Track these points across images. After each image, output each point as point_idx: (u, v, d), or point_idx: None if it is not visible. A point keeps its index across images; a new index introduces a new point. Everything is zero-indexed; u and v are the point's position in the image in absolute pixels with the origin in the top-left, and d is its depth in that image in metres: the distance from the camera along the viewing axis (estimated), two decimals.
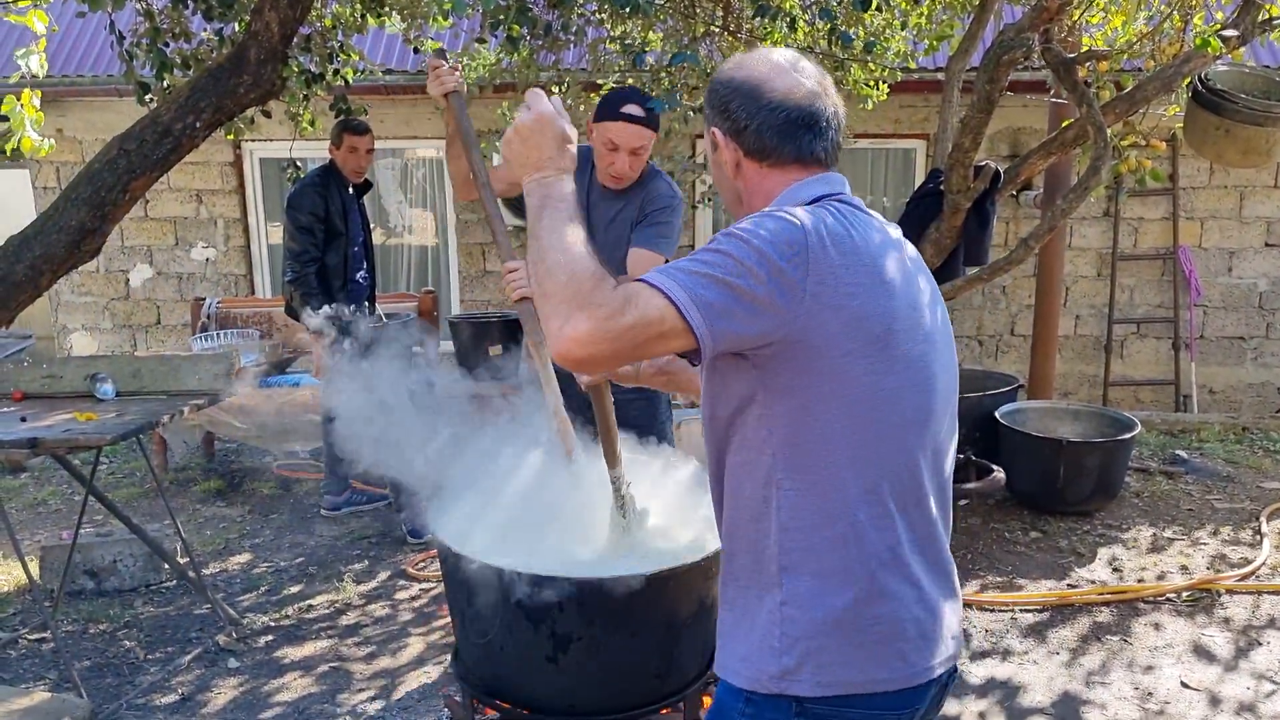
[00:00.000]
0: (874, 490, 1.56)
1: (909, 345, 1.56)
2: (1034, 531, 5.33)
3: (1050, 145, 4.56)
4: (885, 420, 1.56)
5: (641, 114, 3.25)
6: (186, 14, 5.14)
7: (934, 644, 1.62)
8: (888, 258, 1.56)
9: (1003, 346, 8.56)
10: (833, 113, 1.63)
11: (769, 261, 1.44)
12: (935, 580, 1.64)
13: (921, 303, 1.60)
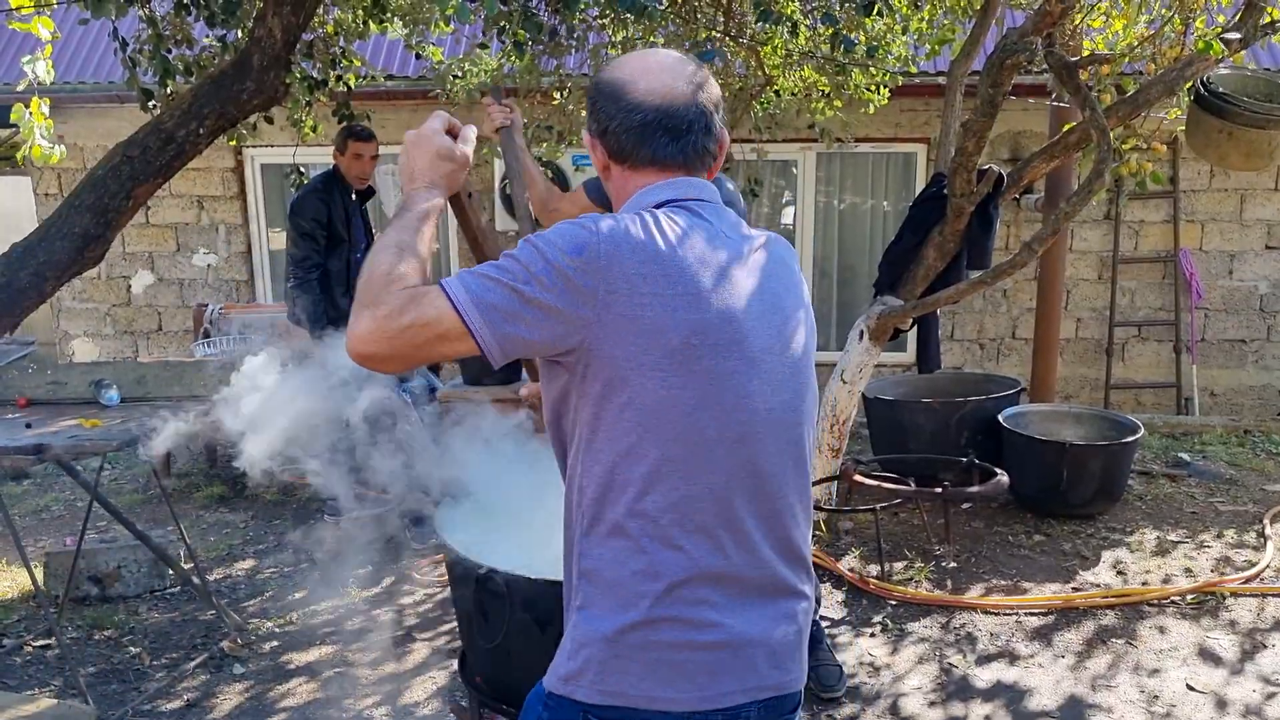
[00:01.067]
0: (669, 508, 1.51)
1: (714, 361, 1.49)
2: (1038, 535, 5.34)
3: (1053, 149, 4.57)
4: (682, 438, 1.50)
5: None
6: (189, 20, 5.15)
7: (735, 672, 1.55)
8: (706, 269, 1.50)
9: (1004, 350, 8.56)
10: (698, 115, 1.58)
11: (556, 269, 1.43)
12: (746, 607, 1.56)
13: (744, 318, 1.52)
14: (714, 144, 1.61)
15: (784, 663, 1.60)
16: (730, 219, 1.62)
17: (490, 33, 4.22)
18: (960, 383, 6.42)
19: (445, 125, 1.72)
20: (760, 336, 1.54)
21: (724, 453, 1.52)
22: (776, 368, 1.57)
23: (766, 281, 1.58)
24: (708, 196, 1.60)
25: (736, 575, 1.55)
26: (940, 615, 4.45)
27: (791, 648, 1.62)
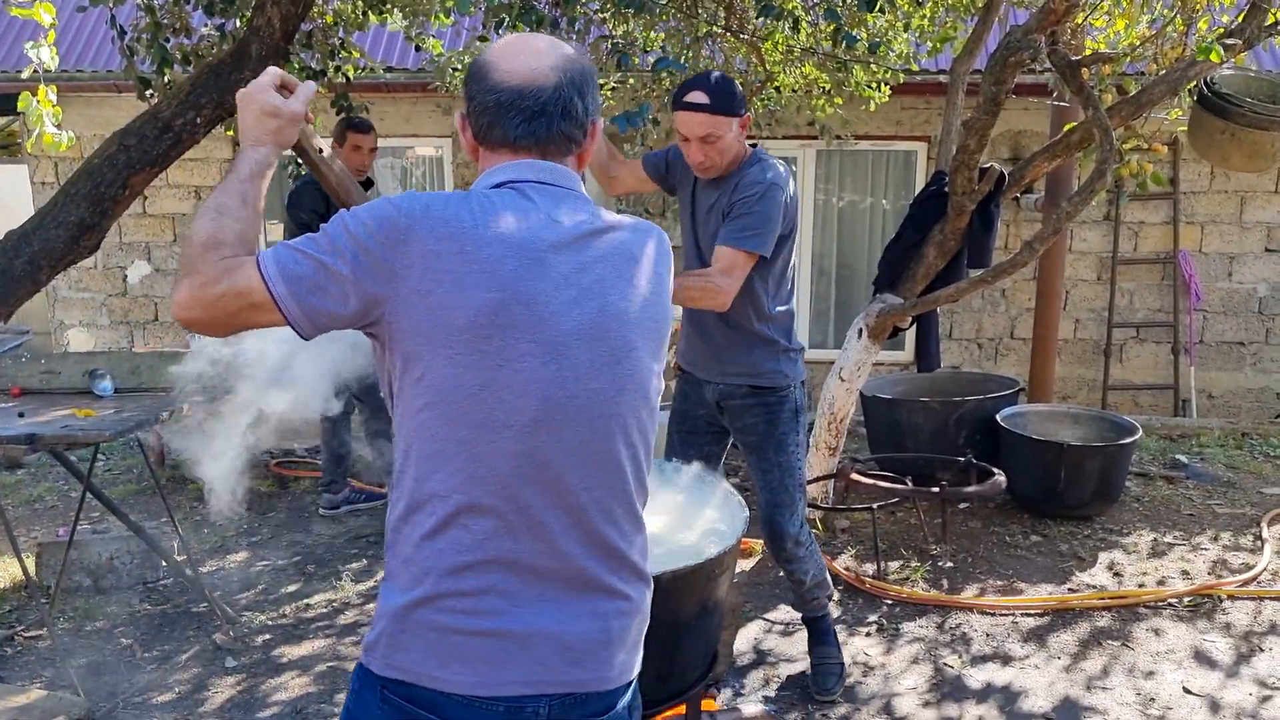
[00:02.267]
0: (459, 490, 1.50)
1: (503, 343, 1.47)
2: (1034, 535, 5.32)
3: (1055, 148, 4.55)
4: (468, 418, 1.49)
5: (703, 100, 3.05)
6: (187, 9, 5.12)
7: (520, 664, 1.53)
8: (510, 250, 1.49)
9: (1002, 349, 8.55)
10: (555, 98, 1.56)
11: (358, 242, 1.45)
12: (541, 599, 1.54)
13: (547, 302, 1.49)
14: (574, 128, 1.59)
15: (584, 661, 1.56)
16: (572, 203, 1.58)
17: (490, 25, 4.19)
18: (958, 382, 6.41)
19: (276, 80, 1.70)
20: (565, 322, 1.51)
21: (512, 437, 1.50)
22: (585, 356, 1.52)
23: (592, 268, 1.55)
24: (552, 179, 1.58)
25: (531, 565, 1.53)
26: (936, 615, 4.43)
27: (595, 646, 1.57)
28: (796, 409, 3.43)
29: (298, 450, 6.61)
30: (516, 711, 1.54)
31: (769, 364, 3.37)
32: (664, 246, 1.68)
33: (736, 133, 3.13)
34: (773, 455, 3.43)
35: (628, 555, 1.61)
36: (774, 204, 3.13)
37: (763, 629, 4.32)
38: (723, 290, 3.14)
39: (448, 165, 8.66)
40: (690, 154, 3.17)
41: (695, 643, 2.87)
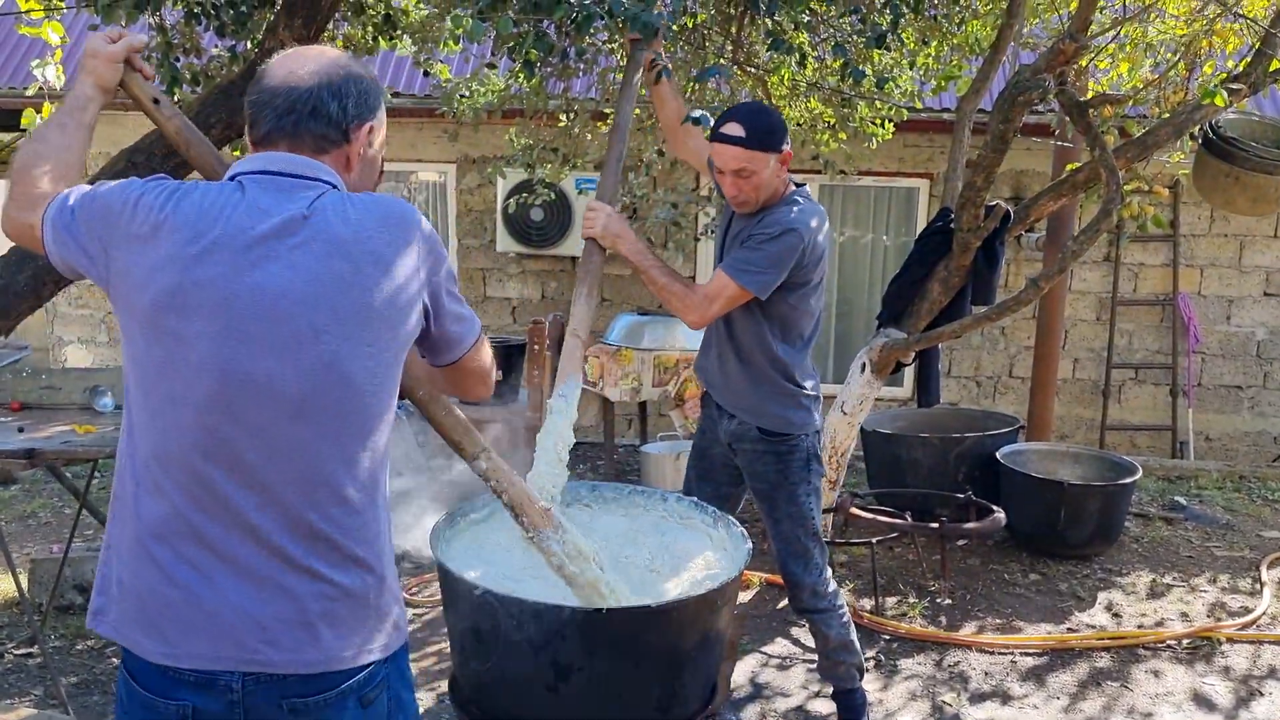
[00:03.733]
0: (154, 460, 1.60)
1: (181, 323, 1.56)
2: (1033, 574, 5.30)
3: (1060, 187, 4.57)
4: (155, 392, 1.59)
5: (739, 132, 2.99)
6: (199, 30, 5.14)
7: (209, 636, 1.58)
8: (202, 236, 1.57)
9: (1000, 388, 8.56)
10: (306, 97, 1.65)
11: (91, 220, 1.64)
12: (233, 574, 1.58)
13: (231, 284, 1.55)
14: (326, 127, 1.68)
15: (278, 640, 1.59)
16: (292, 192, 1.63)
17: (500, 52, 4.21)
18: (959, 419, 6.40)
19: (112, 34, 1.89)
20: (244, 305, 1.56)
21: (191, 413, 1.57)
22: (263, 338, 1.56)
23: (286, 255, 1.58)
24: (284, 169, 1.65)
25: (223, 540, 1.58)
26: (934, 652, 4.40)
27: (290, 626, 1.59)
28: (809, 458, 3.33)
29: None
30: (208, 684, 1.59)
31: (775, 408, 3.28)
32: (389, 222, 1.66)
33: (774, 168, 3.06)
34: (784, 506, 3.34)
35: (335, 539, 1.62)
36: (785, 247, 3.04)
37: (760, 662, 4.29)
38: (695, 310, 3.10)
39: (450, 191, 8.69)
40: (724, 186, 3.12)
41: (696, 674, 2.84)
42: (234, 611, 1.58)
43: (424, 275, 1.69)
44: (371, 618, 1.68)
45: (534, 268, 8.63)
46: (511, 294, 8.74)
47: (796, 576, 3.37)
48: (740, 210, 3.19)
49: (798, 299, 3.19)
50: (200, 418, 1.57)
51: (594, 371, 6.27)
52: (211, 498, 1.58)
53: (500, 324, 8.70)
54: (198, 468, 1.58)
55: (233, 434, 1.58)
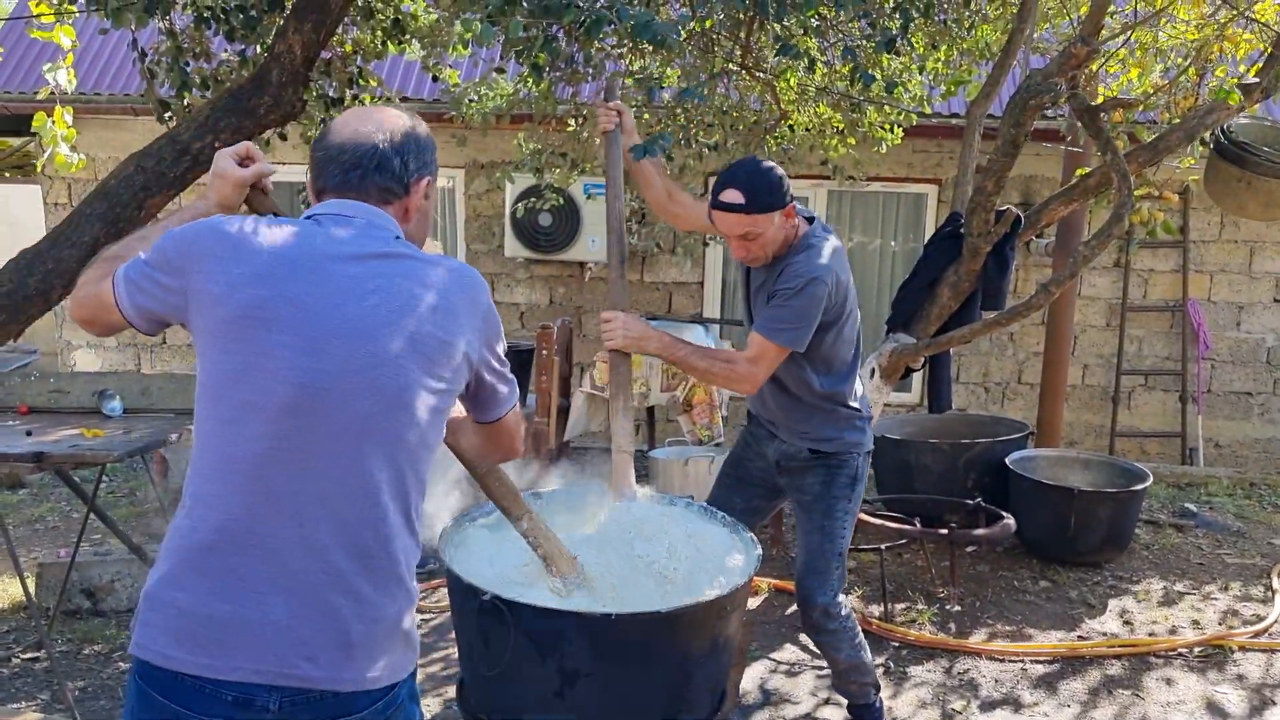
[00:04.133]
0: (219, 467, 1.65)
1: (269, 334, 1.63)
2: (1043, 581, 5.27)
3: (1071, 192, 4.55)
4: (231, 399, 1.64)
5: (738, 200, 3.01)
6: (208, 34, 5.15)
7: (250, 650, 1.60)
8: (284, 259, 1.67)
9: (1009, 394, 8.52)
10: (369, 154, 1.77)
11: (164, 250, 1.71)
12: (280, 589, 1.62)
13: (312, 304, 1.64)
14: (390, 180, 1.80)
15: (317, 657, 1.62)
16: (365, 231, 1.74)
17: (508, 56, 4.20)
18: (968, 425, 6.37)
19: (242, 151, 1.94)
20: (329, 322, 1.64)
21: (264, 422, 1.63)
22: (341, 354, 1.64)
23: (369, 280, 1.69)
24: (352, 214, 1.76)
25: (275, 549, 1.62)
26: (943, 659, 4.38)
27: (330, 645, 1.63)
28: (854, 477, 3.32)
29: None
30: (246, 703, 1.60)
31: (828, 430, 3.29)
32: (465, 282, 1.79)
33: (780, 224, 3.06)
34: (818, 518, 3.31)
35: (383, 560, 1.68)
36: (810, 299, 3.05)
37: (768, 669, 4.27)
38: (746, 379, 3.13)
39: (459, 195, 8.69)
40: (732, 249, 3.15)
41: (705, 680, 2.83)
42: (278, 625, 1.61)
43: (484, 335, 1.82)
44: (400, 640, 1.73)
45: (542, 273, 8.62)
46: (520, 299, 8.73)
47: (810, 593, 3.32)
48: (753, 265, 3.22)
49: (833, 335, 3.19)
50: (272, 425, 1.63)
51: (602, 376, 6.25)
52: (272, 506, 1.63)
53: (509, 329, 8.68)
54: (263, 473, 1.63)
55: (301, 443, 1.64)
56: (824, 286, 3.05)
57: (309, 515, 1.63)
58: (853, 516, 3.36)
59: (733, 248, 3.13)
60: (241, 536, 1.62)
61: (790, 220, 3.10)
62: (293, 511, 1.63)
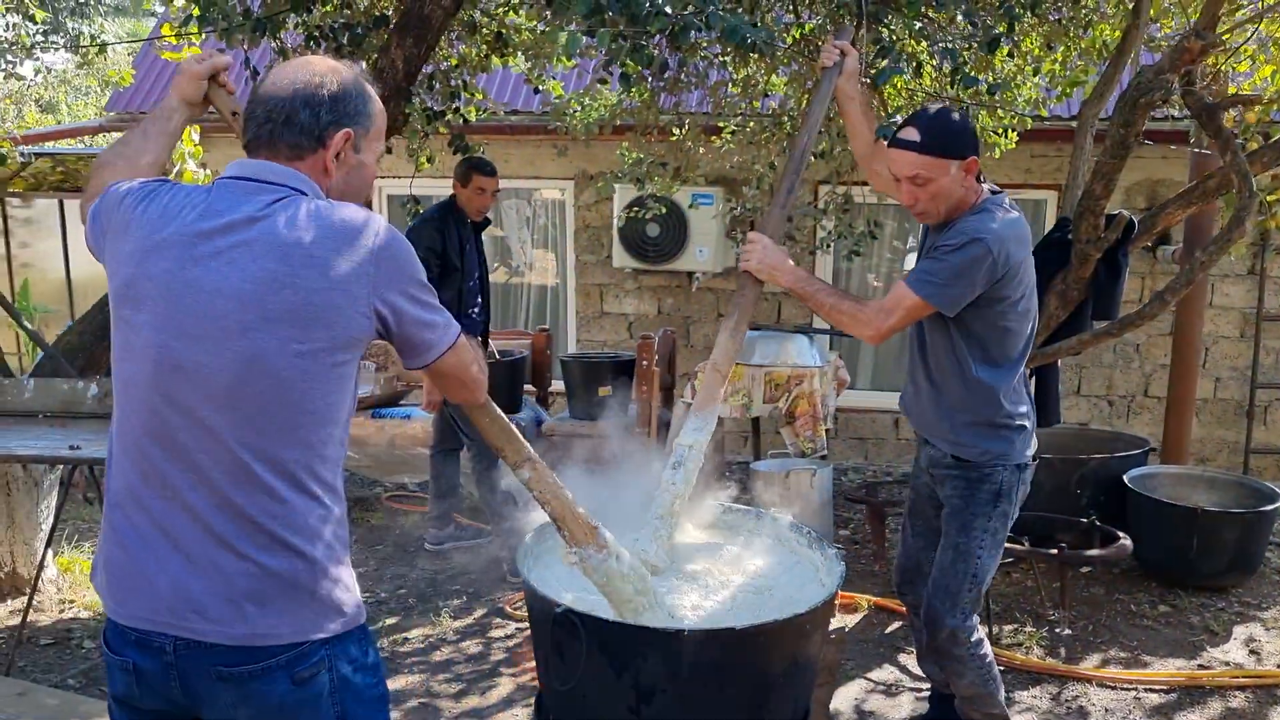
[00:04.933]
0: (116, 436, 1.80)
1: (136, 314, 1.73)
2: (1163, 605, 5.00)
3: (1190, 195, 4.31)
4: (119, 375, 1.79)
5: (913, 137, 2.84)
6: (320, 52, 5.29)
7: (145, 599, 1.73)
8: (159, 233, 1.73)
9: (1135, 407, 8.16)
10: (280, 107, 1.78)
11: (98, 216, 1.87)
12: (167, 544, 1.72)
13: (171, 281, 1.70)
14: (295, 134, 1.78)
15: (206, 611, 1.70)
16: (253, 196, 1.74)
17: (600, 67, 4.20)
18: (1083, 439, 6.11)
19: (200, 56, 2.11)
20: (190, 298, 1.70)
21: (138, 395, 1.75)
22: (203, 329, 1.69)
23: (234, 253, 1.70)
24: (252, 175, 1.77)
25: (162, 513, 1.73)
26: (1051, 685, 4.19)
27: (218, 599, 1.70)
28: (998, 492, 3.06)
29: (409, 485, 6.70)
30: (145, 644, 1.75)
31: (970, 436, 3.06)
32: (339, 234, 1.73)
33: (956, 176, 2.87)
34: (954, 534, 3.11)
35: (262, 523, 1.71)
36: (969, 258, 2.82)
37: (864, 689, 4.15)
38: (870, 324, 2.94)
39: (569, 208, 8.75)
40: (902, 195, 2.97)
41: (784, 699, 2.76)
42: (170, 580, 1.72)
43: (374, 281, 1.74)
44: (306, 601, 1.75)
45: (650, 283, 8.62)
46: (628, 309, 8.75)
47: (937, 614, 3.13)
48: (923, 221, 3.05)
49: (996, 316, 2.95)
50: (145, 399, 1.74)
51: None
52: (154, 474, 1.74)
53: (617, 339, 8.72)
54: (143, 445, 1.75)
55: (168, 416, 1.72)
56: (985, 250, 2.81)
57: (188, 480, 1.72)
58: (994, 537, 3.10)
59: (903, 194, 2.94)
60: (135, 499, 1.76)
61: (969, 178, 2.91)
62: (174, 476, 1.72)
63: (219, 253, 1.71)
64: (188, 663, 1.73)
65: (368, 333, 1.77)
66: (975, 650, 3.16)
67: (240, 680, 1.73)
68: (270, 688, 1.73)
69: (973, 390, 3.01)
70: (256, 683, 1.73)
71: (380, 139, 1.92)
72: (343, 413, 1.81)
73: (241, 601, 1.71)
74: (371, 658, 1.89)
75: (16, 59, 5.67)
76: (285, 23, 4.95)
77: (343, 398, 1.80)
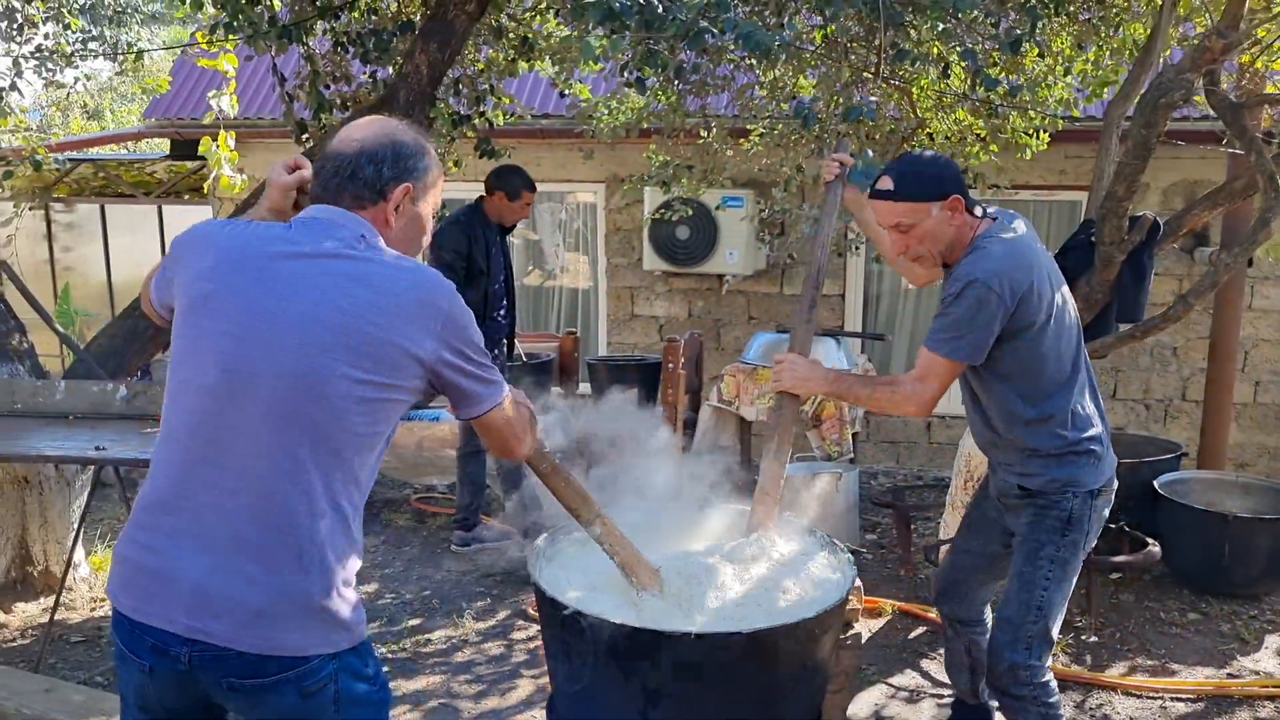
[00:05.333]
0: (164, 438, 1.87)
1: (211, 323, 1.84)
2: (1192, 613, 4.93)
3: (1216, 196, 4.24)
4: (176, 377, 1.87)
5: (887, 186, 2.83)
6: (347, 57, 5.35)
7: (162, 600, 1.80)
8: (238, 256, 1.87)
9: (1172, 412, 8.04)
10: (347, 163, 1.93)
11: (172, 250, 1.99)
12: (193, 548, 1.79)
13: (252, 295, 1.82)
14: (359, 186, 1.93)
15: (220, 616, 1.77)
16: (325, 232, 1.88)
17: (628, 71, 4.22)
18: (1114, 444, 5.98)
19: (288, 163, 2.13)
20: (264, 311, 1.82)
21: (196, 398, 1.83)
22: (269, 343, 1.80)
23: (312, 278, 1.84)
24: (320, 217, 1.92)
25: (196, 513, 1.80)
26: (1076, 692, 4.13)
27: (233, 605, 1.77)
28: (1066, 519, 2.89)
29: (438, 486, 6.74)
30: (163, 651, 1.80)
31: (1035, 466, 2.93)
32: (420, 285, 1.88)
33: (940, 217, 2.82)
34: (1019, 562, 2.96)
35: (286, 538, 1.79)
36: (971, 305, 2.75)
37: (885, 694, 4.12)
38: (912, 398, 2.88)
39: (600, 210, 8.78)
40: (890, 246, 2.96)
41: (796, 703, 2.75)
42: (192, 582, 1.78)
43: (439, 336, 1.88)
44: (315, 617, 1.81)
45: (680, 286, 8.62)
46: (659, 312, 8.76)
47: (999, 646, 2.96)
48: (922, 267, 2.98)
49: (1027, 347, 2.84)
50: (202, 402, 1.82)
51: (730, 389, 6.20)
52: (197, 475, 1.82)
53: (648, 342, 8.73)
54: (191, 447, 1.83)
55: (226, 420, 1.81)
56: (986, 289, 2.73)
57: (228, 486, 1.79)
58: (1063, 567, 2.91)
59: (894, 244, 2.91)
60: (173, 499, 1.83)
61: (956, 217, 2.84)
62: (215, 481, 1.80)
63: (303, 276, 1.84)
64: (201, 671, 1.81)
65: (420, 379, 1.90)
66: (1039, 694, 2.94)
67: (251, 692, 1.82)
68: (279, 700, 1.82)
69: (1031, 430, 2.91)
70: (267, 695, 1.82)
71: (435, 192, 2.06)
72: (381, 443, 1.92)
73: (259, 612, 1.78)
74: (371, 668, 1.96)
75: (57, 66, 5.77)
76: (313, 29, 5.01)
77: (386, 429, 1.91)
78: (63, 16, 5.96)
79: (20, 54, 5.36)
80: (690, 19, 3.32)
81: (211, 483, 1.80)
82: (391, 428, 1.93)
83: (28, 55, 5.39)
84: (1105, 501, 2.98)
